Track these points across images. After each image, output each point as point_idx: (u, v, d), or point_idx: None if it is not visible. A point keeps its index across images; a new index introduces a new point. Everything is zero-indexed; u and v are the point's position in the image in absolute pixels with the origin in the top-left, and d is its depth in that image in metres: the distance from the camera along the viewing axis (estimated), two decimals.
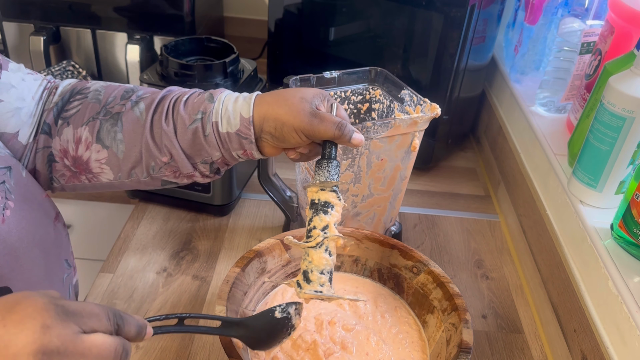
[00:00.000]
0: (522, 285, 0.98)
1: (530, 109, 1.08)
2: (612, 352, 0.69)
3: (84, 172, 0.70)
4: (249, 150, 0.67)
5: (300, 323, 0.64)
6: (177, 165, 0.68)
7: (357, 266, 0.81)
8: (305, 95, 0.65)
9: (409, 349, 0.71)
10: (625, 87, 0.74)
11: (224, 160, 0.69)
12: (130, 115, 0.67)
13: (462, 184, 1.22)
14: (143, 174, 0.69)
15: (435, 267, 0.74)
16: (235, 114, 0.66)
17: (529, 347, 0.86)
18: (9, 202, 0.61)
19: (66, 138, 0.68)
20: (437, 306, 0.72)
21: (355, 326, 0.72)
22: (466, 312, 0.67)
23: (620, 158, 0.77)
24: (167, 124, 0.66)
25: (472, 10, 1.03)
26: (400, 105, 0.88)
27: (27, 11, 1.26)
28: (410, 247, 0.77)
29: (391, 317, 0.75)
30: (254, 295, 0.75)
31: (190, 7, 1.24)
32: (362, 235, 0.80)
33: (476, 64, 1.16)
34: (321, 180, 0.64)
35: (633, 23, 0.85)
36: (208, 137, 0.66)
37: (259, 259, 0.75)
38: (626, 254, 0.74)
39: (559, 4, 1.06)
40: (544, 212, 0.94)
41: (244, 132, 0.66)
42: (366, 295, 0.78)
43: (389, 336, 0.72)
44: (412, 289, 0.76)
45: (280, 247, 0.78)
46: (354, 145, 0.65)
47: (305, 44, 1.26)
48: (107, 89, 0.71)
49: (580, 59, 1.00)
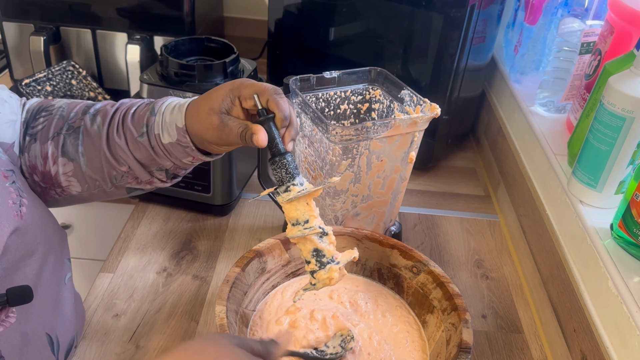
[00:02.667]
0: (522, 285, 0.98)
1: (530, 109, 1.08)
2: (611, 352, 0.69)
3: (53, 187, 0.72)
4: (196, 157, 0.69)
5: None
6: (136, 174, 0.71)
7: (357, 266, 0.81)
8: (213, 105, 0.64)
9: (409, 348, 0.71)
10: (625, 87, 0.74)
11: (178, 167, 0.71)
12: (88, 128, 0.70)
13: (462, 184, 1.22)
14: (107, 184, 0.71)
15: (435, 267, 0.74)
16: (171, 124, 0.67)
17: (528, 347, 0.86)
18: (24, 199, 0.64)
19: (34, 154, 0.70)
20: (437, 306, 0.72)
21: (358, 323, 0.72)
22: (466, 312, 0.67)
23: (620, 158, 0.77)
24: (119, 137, 0.69)
25: (472, 10, 1.03)
26: (400, 105, 0.88)
27: (27, 11, 1.26)
28: (410, 247, 0.77)
29: (392, 317, 0.75)
30: (254, 295, 0.75)
31: (190, 7, 1.24)
32: (362, 235, 0.80)
33: (476, 64, 1.16)
34: (281, 189, 0.64)
35: (633, 23, 0.85)
36: (155, 149, 0.68)
37: (259, 259, 0.75)
38: (626, 254, 0.74)
39: (559, 4, 1.06)
40: (543, 212, 0.94)
41: (182, 142, 0.67)
42: (368, 294, 0.78)
43: (390, 336, 0.72)
44: (412, 288, 0.76)
45: (280, 247, 0.78)
46: (256, 146, 0.63)
47: (305, 44, 1.26)
48: (70, 105, 0.73)
49: (580, 59, 1.00)
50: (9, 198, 0.62)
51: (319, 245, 0.64)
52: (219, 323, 0.64)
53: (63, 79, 1.24)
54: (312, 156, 0.87)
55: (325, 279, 0.65)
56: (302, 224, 0.64)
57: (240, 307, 0.72)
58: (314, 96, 0.90)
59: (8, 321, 0.60)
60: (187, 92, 0.96)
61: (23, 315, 0.62)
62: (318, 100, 0.90)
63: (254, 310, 0.75)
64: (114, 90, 1.32)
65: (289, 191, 0.63)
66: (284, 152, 0.64)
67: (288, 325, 0.72)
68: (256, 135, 0.62)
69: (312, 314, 0.73)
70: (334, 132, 0.77)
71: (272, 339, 0.56)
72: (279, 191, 0.64)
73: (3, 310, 0.60)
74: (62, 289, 0.71)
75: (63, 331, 0.71)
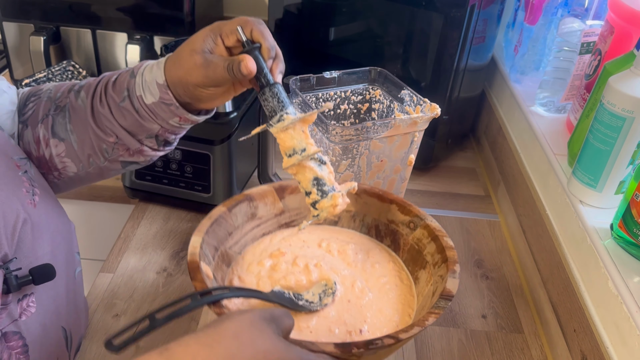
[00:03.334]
0: (522, 285, 0.98)
1: (530, 109, 1.08)
2: (612, 352, 0.69)
3: (50, 171, 0.71)
4: (182, 116, 0.67)
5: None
6: (125, 144, 0.69)
7: (354, 222, 0.78)
8: (194, 46, 0.62)
9: (394, 300, 0.68)
10: (625, 87, 0.74)
11: (167, 131, 0.69)
12: (74, 104, 0.69)
13: (462, 184, 1.22)
14: (100, 158, 0.70)
15: (432, 222, 0.71)
16: (152, 83, 0.65)
17: (528, 347, 0.86)
18: (36, 189, 0.65)
19: (27, 140, 0.70)
20: (429, 261, 0.69)
21: (342, 271, 0.69)
22: (455, 264, 0.64)
23: (620, 158, 0.77)
24: (103, 107, 0.67)
25: (472, 10, 1.03)
26: (400, 105, 0.88)
27: (27, 11, 1.26)
28: (410, 203, 0.74)
29: (382, 268, 0.71)
30: (242, 239, 0.73)
31: (190, 7, 1.24)
32: (360, 189, 0.76)
33: (476, 64, 1.16)
34: (273, 120, 0.61)
35: (633, 23, 0.85)
36: (140, 112, 0.66)
37: (250, 203, 0.73)
38: (626, 254, 0.74)
39: (559, 4, 1.06)
40: (543, 212, 0.94)
41: (166, 99, 0.65)
42: (361, 246, 0.75)
43: (376, 285, 0.69)
44: (408, 245, 0.73)
45: (274, 195, 0.75)
46: (245, 75, 0.59)
47: (305, 44, 1.26)
48: (57, 86, 0.73)
49: (580, 59, 1.00)
50: (22, 187, 0.62)
51: (319, 173, 0.62)
52: (190, 251, 0.63)
53: (63, 78, 1.24)
54: None
55: (328, 206, 0.62)
56: (300, 153, 0.61)
57: (223, 246, 0.69)
58: (314, 96, 0.90)
59: (29, 310, 0.61)
60: None
61: (42, 305, 0.63)
62: (318, 100, 0.90)
63: (239, 252, 0.72)
64: None
65: (283, 120, 0.61)
66: (274, 82, 0.61)
67: (269, 268, 0.70)
68: (244, 62, 0.59)
69: (294, 260, 0.70)
70: (334, 132, 0.77)
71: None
72: (272, 123, 0.61)
73: (25, 298, 0.60)
74: (74, 282, 0.72)
75: (75, 327, 0.72)
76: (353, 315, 0.65)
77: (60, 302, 0.67)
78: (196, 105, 0.67)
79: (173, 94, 0.64)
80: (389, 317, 0.65)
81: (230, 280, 0.69)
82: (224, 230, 0.70)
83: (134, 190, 1.08)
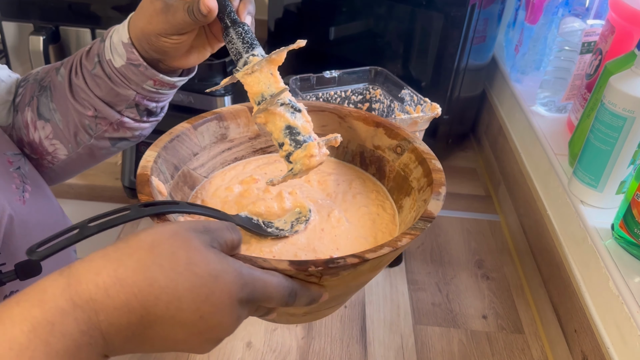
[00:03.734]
0: (522, 286, 0.97)
1: (531, 109, 1.08)
2: (612, 352, 0.69)
3: (43, 156, 0.70)
4: (154, 78, 0.64)
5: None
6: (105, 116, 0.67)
7: (337, 150, 0.71)
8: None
9: (373, 229, 0.61)
10: (625, 86, 0.73)
11: (145, 98, 0.66)
12: (55, 82, 0.67)
13: (462, 184, 1.22)
14: (85, 136, 0.68)
15: (420, 145, 0.64)
16: (118, 44, 0.63)
17: (529, 348, 0.86)
18: (27, 186, 0.64)
19: (18, 126, 0.70)
20: (415, 187, 0.63)
21: (320, 201, 0.63)
22: (441, 186, 0.58)
23: (621, 158, 0.77)
24: (77, 78, 0.66)
25: (472, 10, 1.03)
26: (401, 105, 0.88)
27: (27, 11, 1.26)
28: (398, 125, 0.68)
29: (364, 198, 0.65)
30: (209, 161, 0.67)
31: None
32: (346, 111, 0.69)
33: (476, 63, 1.16)
34: (239, 64, 0.56)
35: (634, 23, 0.84)
36: (111, 78, 0.64)
37: (219, 122, 0.67)
38: (627, 254, 0.74)
39: (560, 4, 1.06)
40: (544, 212, 0.94)
41: (133, 59, 0.62)
42: (343, 177, 0.68)
43: (355, 215, 0.63)
44: (394, 172, 0.67)
45: (248, 116, 0.68)
46: (205, 14, 0.55)
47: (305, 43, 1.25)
48: (44, 68, 0.71)
49: (580, 59, 0.99)
50: (12, 183, 0.62)
51: (292, 121, 0.55)
52: (141, 164, 0.56)
53: None
54: None
55: (303, 157, 0.55)
56: (269, 98, 0.55)
57: (186, 166, 0.63)
58: (314, 96, 0.89)
59: None
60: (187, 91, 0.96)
61: None
62: (318, 100, 0.90)
63: (206, 176, 0.66)
64: None
65: (248, 63, 0.55)
66: (240, 22, 0.56)
67: (238, 194, 0.63)
68: (203, 0, 0.54)
69: (267, 187, 0.63)
70: None
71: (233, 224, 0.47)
72: (237, 67, 0.56)
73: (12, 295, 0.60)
74: None
75: None
76: (324, 243, 0.58)
77: None
78: (168, 63, 0.64)
79: (139, 52, 0.62)
80: (365, 246, 0.58)
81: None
82: (187, 149, 0.63)
83: (133, 190, 1.08)
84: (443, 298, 0.93)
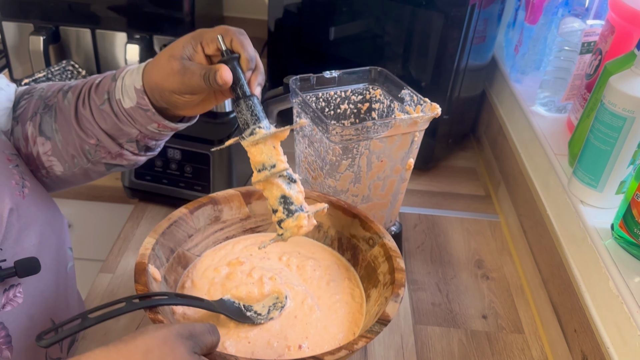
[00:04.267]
0: (522, 286, 0.97)
1: (531, 109, 1.08)
2: (612, 352, 0.69)
3: (38, 169, 0.72)
4: (160, 122, 0.67)
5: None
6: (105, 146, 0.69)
7: (319, 232, 0.78)
8: (173, 52, 0.62)
9: (341, 318, 0.67)
10: (625, 86, 0.73)
11: (146, 136, 0.69)
12: (61, 105, 0.69)
13: (462, 184, 1.22)
14: (83, 159, 0.71)
15: (388, 241, 0.70)
16: (130, 87, 0.65)
17: (529, 348, 0.86)
18: (26, 182, 0.66)
19: (17, 136, 0.71)
20: (381, 280, 0.69)
21: (296, 287, 0.69)
22: (401, 287, 0.64)
23: (621, 158, 0.77)
24: (85, 108, 0.68)
25: (472, 10, 1.03)
26: (401, 105, 0.88)
27: (27, 11, 1.26)
28: (372, 219, 0.74)
29: (337, 287, 0.71)
30: (202, 241, 0.73)
31: (190, 7, 1.24)
32: (326, 200, 0.76)
33: (476, 63, 1.16)
34: (246, 133, 0.61)
35: (633, 23, 0.84)
36: (118, 116, 0.67)
37: (214, 206, 0.73)
38: (627, 254, 0.74)
39: (560, 4, 1.06)
40: (544, 212, 0.94)
41: (142, 104, 0.65)
42: (321, 262, 0.75)
43: (326, 303, 0.69)
44: (366, 261, 0.73)
45: (240, 200, 0.75)
46: (221, 85, 0.59)
47: (305, 44, 1.26)
48: (49, 86, 0.73)
49: (580, 59, 1.00)
50: (12, 179, 0.63)
51: (287, 191, 0.61)
52: (140, 252, 0.63)
53: (62, 78, 1.24)
54: (312, 156, 0.87)
55: (293, 227, 0.61)
56: (269, 169, 0.60)
57: (181, 248, 0.69)
58: (314, 96, 0.89)
59: (16, 301, 0.61)
60: None
61: (29, 296, 0.63)
62: (318, 100, 0.90)
63: (199, 255, 0.72)
64: None
65: (254, 134, 0.60)
66: (250, 95, 0.61)
67: (225, 276, 0.70)
68: (220, 72, 0.59)
69: (250, 271, 0.70)
70: (334, 132, 0.77)
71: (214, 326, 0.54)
72: (244, 135, 0.61)
73: (12, 289, 0.60)
74: (65, 277, 0.72)
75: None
76: (296, 331, 0.64)
77: (49, 294, 0.67)
78: (174, 112, 0.67)
79: (150, 100, 0.65)
80: (333, 335, 0.65)
81: (182, 283, 0.69)
82: (183, 232, 0.70)
83: (133, 190, 1.08)
84: (443, 298, 0.93)
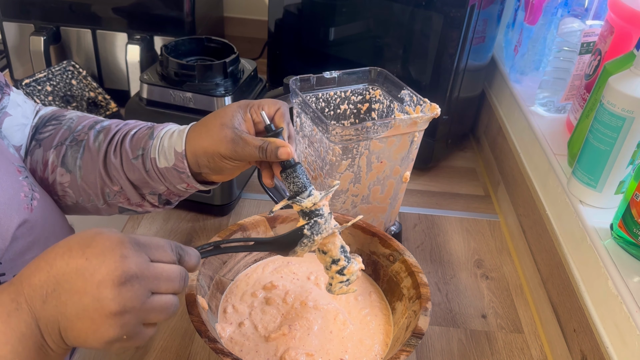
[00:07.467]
0: (521, 285, 0.98)
1: (530, 109, 1.08)
2: (611, 352, 0.69)
3: (51, 194, 0.73)
4: (190, 184, 0.70)
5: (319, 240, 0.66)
6: (127, 195, 0.71)
7: None
8: (225, 120, 0.65)
9: (373, 330, 0.72)
10: (624, 87, 0.74)
11: (171, 193, 0.72)
12: (90, 145, 0.71)
13: (462, 184, 1.22)
14: (100, 200, 0.73)
15: (409, 257, 0.75)
16: (170, 149, 0.68)
17: (528, 347, 0.86)
18: (35, 193, 0.66)
19: (36, 159, 0.72)
20: (405, 294, 0.73)
21: (326, 305, 0.73)
22: (428, 301, 0.69)
23: (620, 158, 0.77)
24: (115, 157, 0.70)
25: (472, 10, 1.03)
26: (400, 105, 0.88)
27: (28, 11, 1.26)
28: (390, 237, 0.78)
29: (364, 300, 0.76)
30: (235, 266, 0.77)
31: (190, 7, 1.24)
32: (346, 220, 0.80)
33: (476, 64, 1.16)
34: (303, 196, 0.65)
35: (633, 23, 0.85)
36: (149, 172, 0.69)
37: (243, 233, 0.77)
38: (626, 254, 0.74)
39: (559, 4, 1.06)
40: (543, 212, 0.94)
41: (179, 167, 0.67)
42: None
43: (357, 317, 0.74)
44: (387, 276, 0.77)
45: (266, 224, 0.79)
46: (283, 159, 0.64)
47: (305, 44, 1.26)
48: (80, 118, 0.75)
49: (580, 59, 1.00)
50: (21, 191, 0.63)
51: (343, 242, 0.66)
52: (189, 284, 0.66)
53: (63, 79, 1.24)
54: (312, 156, 0.87)
55: (356, 271, 0.67)
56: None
57: (218, 275, 0.74)
58: (314, 96, 0.90)
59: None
60: (187, 92, 0.96)
61: None
62: (318, 100, 0.90)
63: (232, 279, 0.77)
64: (114, 90, 1.32)
65: (312, 195, 0.65)
66: (295, 163, 0.65)
67: (263, 299, 0.74)
68: (284, 148, 0.63)
69: (285, 297, 0.75)
70: (334, 132, 0.77)
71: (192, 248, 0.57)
72: (300, 198, 0.65)
73: None
74: None
75: None
76: (335, 345, 0.69)
77: None
78: (210, 177, 0.70)
79: (188, 163, 0.67)
80: (369, 347, 0.70)
81: (224, 309, 0.73)
82: (218, 259, 0.75)
83: None
84: (442, 297, 0.94)
